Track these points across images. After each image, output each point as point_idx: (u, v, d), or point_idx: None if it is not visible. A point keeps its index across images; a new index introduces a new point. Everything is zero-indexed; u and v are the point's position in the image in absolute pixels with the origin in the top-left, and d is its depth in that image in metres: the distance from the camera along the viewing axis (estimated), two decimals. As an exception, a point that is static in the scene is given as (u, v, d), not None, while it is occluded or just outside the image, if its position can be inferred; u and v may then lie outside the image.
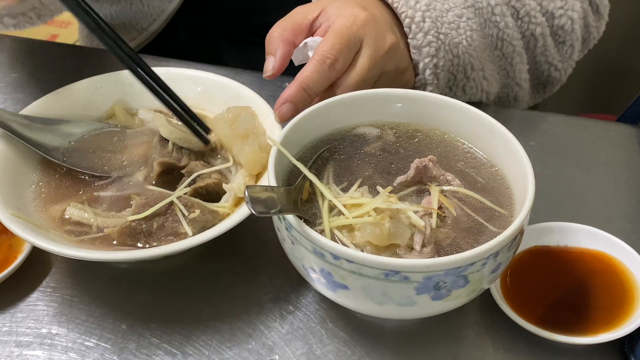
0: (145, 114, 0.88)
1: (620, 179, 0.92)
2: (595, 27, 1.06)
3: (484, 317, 0.72)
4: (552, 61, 1.03)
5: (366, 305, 0.64)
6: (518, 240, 0.63)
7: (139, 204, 0.73)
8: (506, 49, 0.97)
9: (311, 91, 0.77)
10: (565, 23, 0.99)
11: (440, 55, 0.89)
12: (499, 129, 0.71)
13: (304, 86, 0.77)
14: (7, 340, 0.70)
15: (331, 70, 0.78)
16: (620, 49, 1.79)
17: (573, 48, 1.03)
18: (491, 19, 0.94)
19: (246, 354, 0.69)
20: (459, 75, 0.93)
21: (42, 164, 0.81)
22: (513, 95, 1.04)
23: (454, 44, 0.90)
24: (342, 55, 0.78)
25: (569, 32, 1.00)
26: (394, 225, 0.63)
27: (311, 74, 0.77)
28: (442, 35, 0.89)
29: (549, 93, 1.10)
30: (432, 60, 0.88)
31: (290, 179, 0.70)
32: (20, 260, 0.74)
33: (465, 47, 0.91)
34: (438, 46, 0.88)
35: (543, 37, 0.99)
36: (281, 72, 0.81)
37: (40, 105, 0.85)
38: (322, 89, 0.79)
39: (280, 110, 0.77)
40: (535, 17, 0.97)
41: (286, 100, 0.77)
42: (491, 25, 0.95)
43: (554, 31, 1.00)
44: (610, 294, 0.72)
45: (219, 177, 0.78)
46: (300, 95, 0.77)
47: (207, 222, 0.73)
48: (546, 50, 1.01)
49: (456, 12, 0.91)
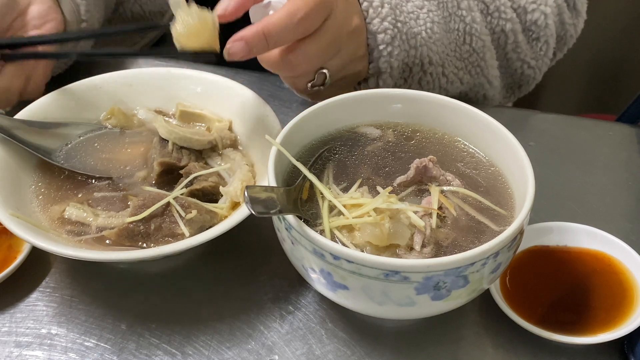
0: (144, 114, 0.88)
1: (620, 178, 0.92)
2: (572, 25, 1.04)
3: (483, 317, 0.72)
4: (524, 58, 1.00)
5: (366, 306, 0.64)
6: (518, 241, 0.63)
7: (136, 205, 0.73)
8: (476, 43, 0.94)
9: (271, 40, 0.73)
10: (538, 18, 0.97)
11: (395, 44, 0.86)
12: (499, 129, 0.71)
13: (265, 31, 0.72)
14: (6, 340, 0.70)
15: (298, 26, 0.74)
16: (619, 49, 1.79)
17: (548, 45, 1.01)
18: (457, 12, 0.92)
19: (246, 354, 0.69)
20: (415, 68, 0.91)
21: (42, 164, 0.81)
22: (482, 94, 1.02)
23: (412, 34, 0.87)
24: (312, 14, 0.75)
25: (542, 28, 0.98)
26: (394, 226, 0.63)
27: (278, 22, 0.72)
28: (399, 23, 0.86)
29: (524, 92, 1.08)
30: (386, 48, 0.86)
31: (290, 179, 0.70)
32: (19, 261, 0.74)
33: (425, 39, 0.88)
34: (394, 34, 0.86)
35: (514, 33, 0.97)
36: (234, 16, 0.74)
37: (40, 105, 0.85)
38: (283, 43, 0.75)
39: (231, 47, 0.72)
40: (505, 12, 0.95)
41: (241, 39, 0.72)
42: (457, 19, 0.92)
43: (527, 27, 0.98)
44: (610, 294, 0.72)
45: (216, 179, 0.78)
46: (258, 39, 0.72)
47: (204, 222, 0.73)
48: (517, 47, 0.99)
49: (416, 3, 0.89)
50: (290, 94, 0.99)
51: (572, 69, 1.16)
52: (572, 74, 1.10)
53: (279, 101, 1.00)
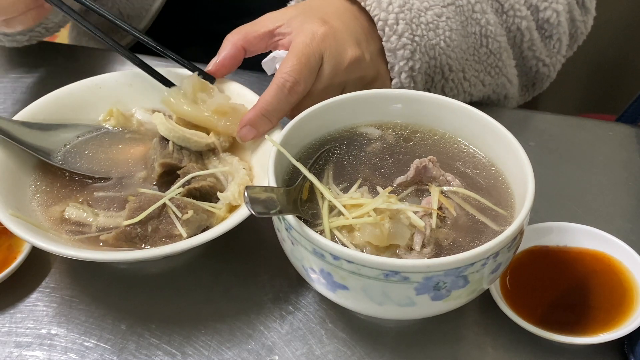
0: (143, 114, 0.88)
1: (620, 178, 0.92)
2: (582, 22, 1.04)
3: (483, 317, 0.72)
4: (539, 56, 1.01)
5: (366, 306, 0.64)
6: (518, 241, 0.63)
7: (132, 207, 0.73)
8: (492, 45, 0.95)
9: (271, 116, 0.78)
10: (551, 16, 0.98)
11: (416, 57, 0.87)
12: (499, 129, 0.71)
13: (263, 112, 0.78)
14: (6, 340, 0.70)
15: (292, 94, 0.78)
16: (619, 49, 1.79)
17: (561, 42, 1.02)
18: (472, 16, 0.93)
19: (246, 354, 0.69)
20: (437, 77, 0.92)
21: (41, 165, 0.81)
22: (504, 94, 1.03)
23: (431, 45, 0.88)
24: (302, 77, 0.78)
25: (555, 26, 0.99)
26: (394, 226, 0.63)
27: (271, 100, 0.78)
28: (417, 37, 0.87)
29: (538, 91, 1.09)
30: (407, 63, 0.87)
31: (290, 180, 0.70)
32: (19, 261, 0.74)
33: (443, 48, 0.90)
34: (413, 48, 0.87)
35: (529, 31, 0.98)
36: (224, 71, 0.85)
37: (40, 105, 0.85)
38: (283, 114, 0.79)
39: (241, 132, 0.80)
40: (519, 10, 0.96)
41: (247, 124, 0.79)
42: (473, 23, 0.93)
43: (540, 25, 0.99)
44: (610, 294, 0.72)
45: (214, 180, 0.78)
46: (260, 120, 0.78)
47: (201, 221, 0.73)
48: (533, 44, 0.99)
49: (435, 11, 0.90)
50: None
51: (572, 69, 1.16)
52: (572, 74, 1.10)
53: (279, 101, 1.00)
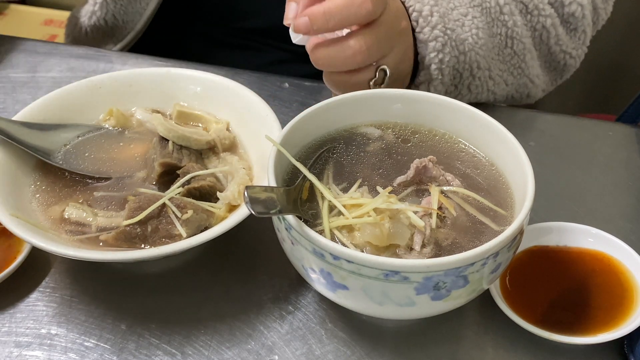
0: (143, 114, 0.88)
1: (620, 178, 0.92)
2: (603, 9, 1.05)
3: (483, 317, 0.72)
4: (566, 49, 1.02)
5: (366, 306, 0.64)
6: (518, 241, 0.63)
7: (132, 207, 0.72)
8: (517, 46, 0.97)
9: (333, 19, 0.75)
10: (576, 10, 0.99)
11: (446, 50, 0.88)
12: (499, 129, 0.71)
13: (326, 11, 0.75)
14: (6, 340, 0.70)
15: (360, 9, 0.75)
16: (619, 49, 1.79)
17: (585, 34, 1.03)
18: (499, 17, 0.94)
19: (245, 354, 0.69)
20: (465, 73, 0.93)
21: (41, 165, 0.81)
22: (526, 93, 1.04)
23: (460, 40, 0.90)
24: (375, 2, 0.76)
25: (580, 19, 1.00)
26: (394, 226, 0.63)
27: (341, 4, 0.74)
28: (449, 30, 0.88)
29: (565, 78, 1.10)
30: (437, 55, 0.88)
31: (290, 179, 0.70)
32: (19, 261, 0.74)
33: (472, 44, 0.91)
34: (445, 41, 0.88)
35: (554, 27, 0.99)
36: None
37: (39, 105, 0.85)
38: (343, 25, 0.77)
39: (297, 20, 0.76)
40: (544, 9, 0.97)
41: (307, 15, 0.75)
42: (499, 24, 0.94)
43: (565, 19, 1.00)
44: (610, 294, 0.72)
45: (214, 180, 0.78)
46: (321, 17, 0.75)
47: (201, 221, 0.73)
48: (559, 40, 1.00)
49: (461, 11, 0.91)
50: (290, 94, 0.99)
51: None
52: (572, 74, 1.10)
53: (279, 101, 1.01)
